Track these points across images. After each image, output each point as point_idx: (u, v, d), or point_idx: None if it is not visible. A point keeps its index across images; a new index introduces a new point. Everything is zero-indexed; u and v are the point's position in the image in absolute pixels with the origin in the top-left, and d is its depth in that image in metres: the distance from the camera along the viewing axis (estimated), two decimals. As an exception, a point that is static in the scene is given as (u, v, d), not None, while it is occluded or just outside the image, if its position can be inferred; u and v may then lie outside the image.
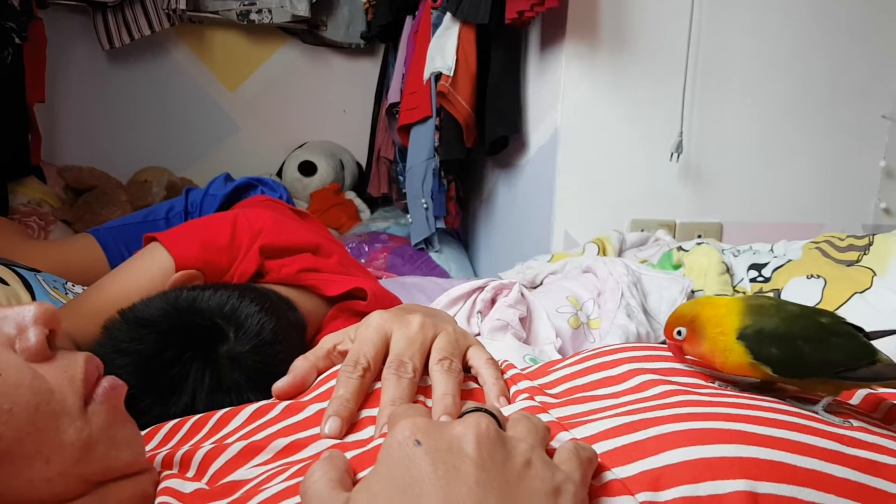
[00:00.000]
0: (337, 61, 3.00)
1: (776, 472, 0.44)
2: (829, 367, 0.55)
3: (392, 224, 2.42)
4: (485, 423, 0.42)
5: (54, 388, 0.46)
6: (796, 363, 0.55)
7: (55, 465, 0.45)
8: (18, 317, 0.48)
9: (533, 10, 1.53)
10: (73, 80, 2.70)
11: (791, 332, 0.56)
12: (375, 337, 0.60)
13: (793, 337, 0.55)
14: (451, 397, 0.54)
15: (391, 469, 0.40)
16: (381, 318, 0.62)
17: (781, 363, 0.55)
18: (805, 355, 0.55)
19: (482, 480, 0.39)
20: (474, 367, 0.61)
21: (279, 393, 0.61)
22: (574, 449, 0.44)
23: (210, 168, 2.69)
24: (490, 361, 0.61)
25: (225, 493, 0.50)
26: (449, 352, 0.59)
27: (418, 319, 0.62)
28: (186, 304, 0.79)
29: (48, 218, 1.92)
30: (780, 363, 0.55)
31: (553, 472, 0.41)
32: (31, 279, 1.11)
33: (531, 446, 0.43)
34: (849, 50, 1.73)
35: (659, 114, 1.65)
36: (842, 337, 0.57)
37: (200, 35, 2.85)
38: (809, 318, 0.58)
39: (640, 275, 1.17)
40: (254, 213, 1.15)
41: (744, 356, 0.55)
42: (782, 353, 0.55)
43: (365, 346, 0.59)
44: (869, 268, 1.06)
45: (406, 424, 0.41)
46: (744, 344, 0.55)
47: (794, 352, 0.55)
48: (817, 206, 1.80)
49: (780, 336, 0.55)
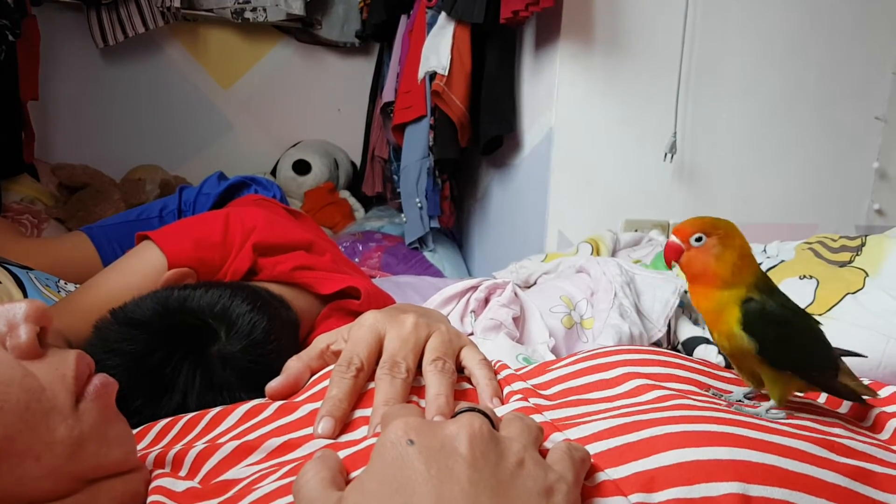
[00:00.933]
0: (331, 60, 3.00)
1: (769, 475, 0.44)
2: (808, 367, 0.56)
3: (386, 223, 2.42)
4: (478, 422, 0.42)
5: (45, 385, 0.46)
6: (783, 351, 0.55)
7: (46, 462, 0.44)
8: (9, 314, 0.48)
9: (528, 10, 1.53)
10: (66, 77, 2.69)
11: (788, 321, 0.56)
12: (369, 337, 0.60)
13: (788, 325, 0.56)
14: (445, 397, 0.55)
15: (384, 468, 0.40)
16: (375, 317, 0.62)
17: (769, 345, 0.55)
18: (792, 346, 0.56)
19: (475, 480, 0.39)
20: (468, 367, 0.61)
21: (272, 393, 0.61)
22: (567, 449, 0.44)
23: (204, 166, 2.68)
24: (483, 362, 0.61)
25: (217, 492, 0.50)
26: (442, 352, 0.59)
27: (412, 319, 0.62)
28: (177, 304, 0.79)
29: (41, 216, 1.91)
30: (768, 345, 0.55)
31: (546, 472, 0.41)
32: (23, 277, 1.10)
33: (524, 446, 0.43)
34: (842, 51, 1.73)
35: (653, 114, 1.66)
36: (820, 344, 0.58)
37: (195, 33, 2.84)
38: (807, 317, 0.59)
39: (633, 275, 1.17)
40: (246, 211, 1.15)
41: (736, 318, 0.55)
42: (774, 336, 0.55)
43: (358, 346, 0.59)
44: (861, 269, 1.06)
45: (399, 424, 0.41)
46: (741, 312, 0.55)
47: (784, 340, 0.55)
48: (811, 207, 1.80)
49: (778, 320, 0.55)
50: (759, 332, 0.55)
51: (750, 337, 0.55)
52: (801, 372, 0.56)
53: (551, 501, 0.40)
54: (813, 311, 1.02)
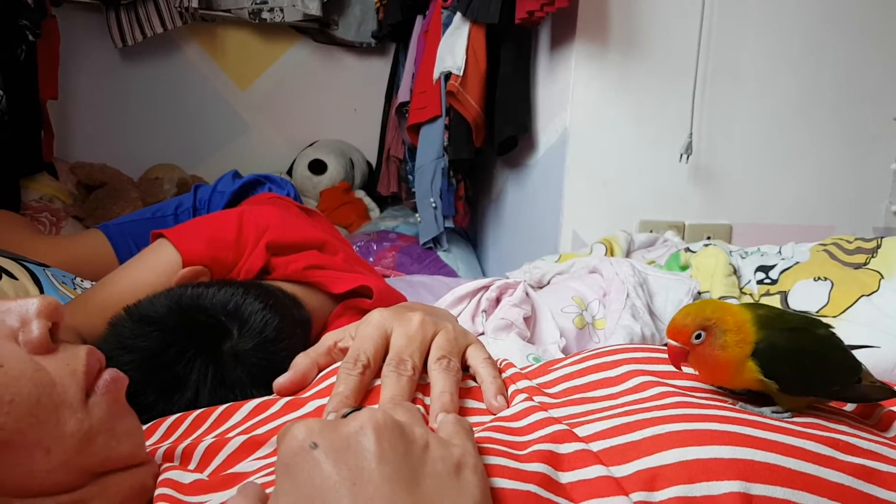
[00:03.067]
0: (348, 60, 3.01)
1: (771, 474, 0.44)
2: (828, 387, 0.54)
3: (401, 223, 2.42)
4: (380, 414, 0.41)
5: (56, 379, 0.47)
6: (802, 381, 0.54)
7: (56, 455, 0.45)
8: (22, 309, 0.48)
9: (543, 10, 1.52)
10: (85, 77, 2.71)
11: (800, 348, 0.55)
12: (376, 334, 0.60)
13: (802, 353, 0.54)
14: (449, 395, 0.55)
15: (293, 481, 0.38)
16: (382, 315, 0.62)
17: (789, 381, 0.53)
18: (810, 374, 0.54)
19: (387, 475, 0.38)
20: (472, 365, 0.61)
21: (280, 389, 0.62)
22: (456, 421, 0.44)
23: (221, 166, 2.69)
24: (488, 360, 0.61)
25: (225, 485, 0.50)
26: (448, 350, 0.59)
27: (418, 317, 0.62)
28: (191, 302, 0.80)
29: (60, 214, 1.93)
30: (788, 381, 0.53)
31: (449, 448, 0.41)
32: (39, 274, 1.12)
33: (424, 429, 0.42)
34: (861, 52, 1.72)
35: (669, 114, 1.65)
36: (836, 351, 0.56)
37: (212, 33, 2.86)
38: (810, 331, 0.57)
39: (646, 275, 1.16)
40: (260, 210, 1.16)
41: (754, 371, 0.54)
42: (791, 370, 0.53)
43: (365, 343, 0.59)
44: (876, 270, 1.05)
45: (299, 428, 0.40)
46: (755, 359, 0.54)
47: (801, 370, 0.54)
48: (828, 209, 1.79)
49: (791, 353, 0.54)
50: (777, 372, 0.53)
51: (771, 380, 0.53)
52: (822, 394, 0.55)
53: (462, 477, 0.40)
54: (827, 312, 1.01)
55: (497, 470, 0.45)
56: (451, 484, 0.39)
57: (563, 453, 0.47)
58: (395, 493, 0.37)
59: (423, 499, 0.38)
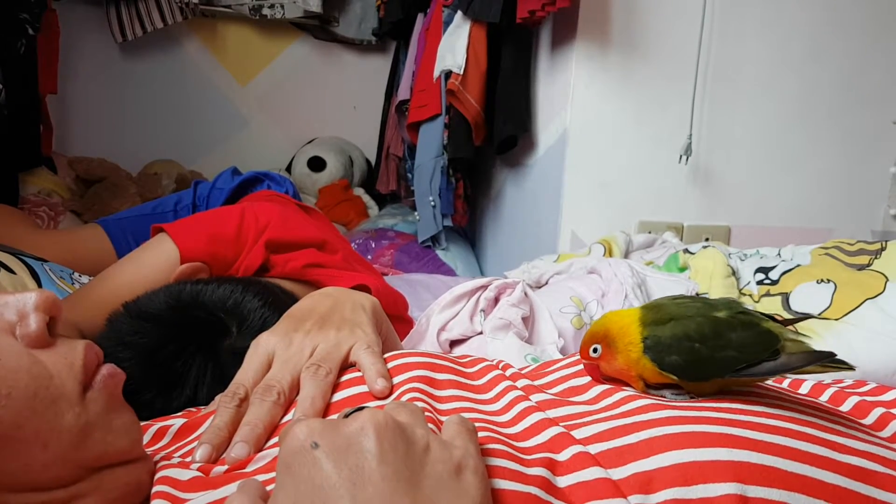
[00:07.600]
0: (348, 57, 3.01)
1: (767, 476, 0.44)
2: (729, 366, 0.53)
3: (400, 221, 2.42)
4: (381, 415, 0.41)
5: (53, 373, 0.47)
6: (697, 367, 0.53)
7: (52, 450, 0.45)
8: (19, 303, 0.48)
9: (544, 10, 1.52)
10: (85, 71, 2.71)
11: (686, 334, 0.54)
12: (257, 364, 0.62)
13: (688, 339, 0.54)
14: (310, 399, 0.56)
15: (294, 480, 0.38)
16: (268, 340, 0.64)
17: (683, 369, 0.53)
18: (703, 358, 0.53)
19: (387, 475, 0.38)
20: (355, 359, 0.62)
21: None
22: (460, 422, 0.44)
23: (220, 162, 2.69)
24: (368, 350, 0.62)
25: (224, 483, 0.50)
26: (319, 358, 0.61)
27: (299, 337, 0.64)
28: (190, 298, 0.79)
29: (58, 208, 1.93)
30: (682, 369, 0.53)
31: (450, 450, 0.41)
32: (37, 268, 1.12)
33: (425, 429, 0.42)
34: (861, 55, 1.72)
35: (669, 115, 1.65)
36: (738, 330, 0.54)
37: (213, 29, 2.86)
38: (703, 315, 0.56)
39: (644, 276, 1.16)
40: (261, 207, 1.16)
41: (650, 367, 0.54)
42: (682, 358, 0.53)
43: (246, 374, 0.61)
44: (881, 272, 1.03)
45: (301, 428, 0.40)
46: (648, 355, 0.54)
47: (692, 356, 0.53)
48: (827, 212, 1.79)
49: (676, 341, 0.54)
50: (668, 362, 0.54)
51: (665, 371, 0.54)
52: (727, 374, 0.54)
53: (462, 479, 0.40)
54: (828, 315, 0.99)
55: (499, 472, 0.44)
56: (451, 485, 0.39)
57: (562, 460, 0.47)
58: (394, 494, 0.37)
59: (423, 499, 0.38)
